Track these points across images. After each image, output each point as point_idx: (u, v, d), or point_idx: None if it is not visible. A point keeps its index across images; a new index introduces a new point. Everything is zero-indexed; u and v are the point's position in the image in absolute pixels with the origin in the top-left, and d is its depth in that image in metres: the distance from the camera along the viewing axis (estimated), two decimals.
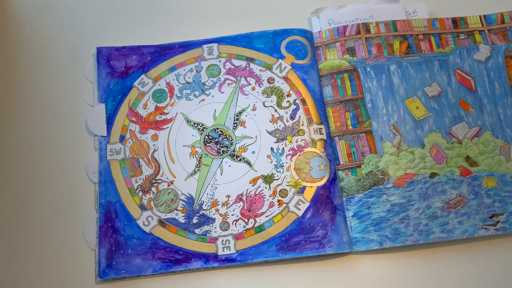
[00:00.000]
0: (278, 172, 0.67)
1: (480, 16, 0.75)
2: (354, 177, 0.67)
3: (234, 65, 0.72)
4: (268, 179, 0.66)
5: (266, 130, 0.69)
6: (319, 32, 0.74)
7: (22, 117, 0.70)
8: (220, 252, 0.63)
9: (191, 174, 0.67)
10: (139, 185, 0.66)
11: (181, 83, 0.71)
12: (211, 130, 0.69)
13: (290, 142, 0.68)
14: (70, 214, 0.65)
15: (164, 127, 0.69)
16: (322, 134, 0.68)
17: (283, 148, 0.68)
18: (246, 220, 0.64)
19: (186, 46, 0.73)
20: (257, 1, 0.79)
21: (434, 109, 0.70)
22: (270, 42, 0.73)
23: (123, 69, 0.72)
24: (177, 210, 0.65)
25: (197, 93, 0.71)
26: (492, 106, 0.70)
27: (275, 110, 0.70)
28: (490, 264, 0.64)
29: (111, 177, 0.66)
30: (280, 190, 0.66)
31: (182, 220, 0.64)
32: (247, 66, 0.72)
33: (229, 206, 0.65)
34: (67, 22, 0.76)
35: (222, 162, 0.67)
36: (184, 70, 0.72)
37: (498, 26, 0.75)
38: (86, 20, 0.76)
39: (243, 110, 0.70)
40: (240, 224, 0.64)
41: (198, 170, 0.67)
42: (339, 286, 0.62)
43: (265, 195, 0.66)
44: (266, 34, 0.74)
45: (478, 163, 0.67)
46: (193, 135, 0.69)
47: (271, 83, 0.71)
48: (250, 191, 0.66)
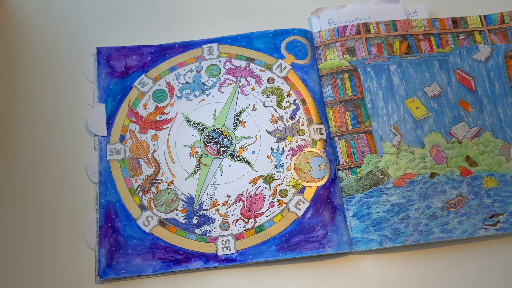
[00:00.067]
0: (278, 172, 0.67)
1: (480, 16, 0.75)
2: (354, 177, 0.67)
3: (234, 65, 0.72)
4: (268, 179, 0.66)
5: (266, 130, 0.69)
6: (319, 32, 0.74)
7: (22, 117, 0.70)
8: (220, 252, 0.63)
9: (191, 174, 0.67)
10: (139, 185, 0.66)
11: (181, 83, 0.71)
12: (211, 130, 0.69)
13: (290, 142, 0.68)
14: (70, 214, 0.65)
15: (164, 127, 0.69)
16: (322, 134, 0.68)
17: (283, 148, 0.68)
18: (246, 220, 0.64)
19: (186, 46, 0.73)
20: (257, 1, 0.79)
21: (434, 109, 0.70)
22: (270, 42, 0.73)
23: (123, 69, 0.72)
24: (177, 210, 0.65)
25: (197, 93, 0.71)
26: (492, 106, 0.70)
27: (275, 110, 0.70)
28: (490, 264, 0.64)
29: (111, 177, 0.66)
30: (280, 190, 0.66)
31: (182, 220, 0.64)
32: (247, 66, 0.72)
33: (229, 206, 0.65)
34: (67, 22, 0.76)
35: (222, 162, 0.67)
36: (184, 70, 0.72)
37: (498, 26, 0.75)
38: (86, 20, 0.76)
39: (243, 110, 0.70)
40: (240, 224, 0.64)
41: (198, 170, 0.67)
42: (339, 286, 0.62)
43: (265, 195, 0.66)
44: (266, 34, 0.74)
45: (478, 163, 0.67)
46: (193, 135, 0.69)
47: (271, 83, 0.71)
48: (250, 191, 0.66)
